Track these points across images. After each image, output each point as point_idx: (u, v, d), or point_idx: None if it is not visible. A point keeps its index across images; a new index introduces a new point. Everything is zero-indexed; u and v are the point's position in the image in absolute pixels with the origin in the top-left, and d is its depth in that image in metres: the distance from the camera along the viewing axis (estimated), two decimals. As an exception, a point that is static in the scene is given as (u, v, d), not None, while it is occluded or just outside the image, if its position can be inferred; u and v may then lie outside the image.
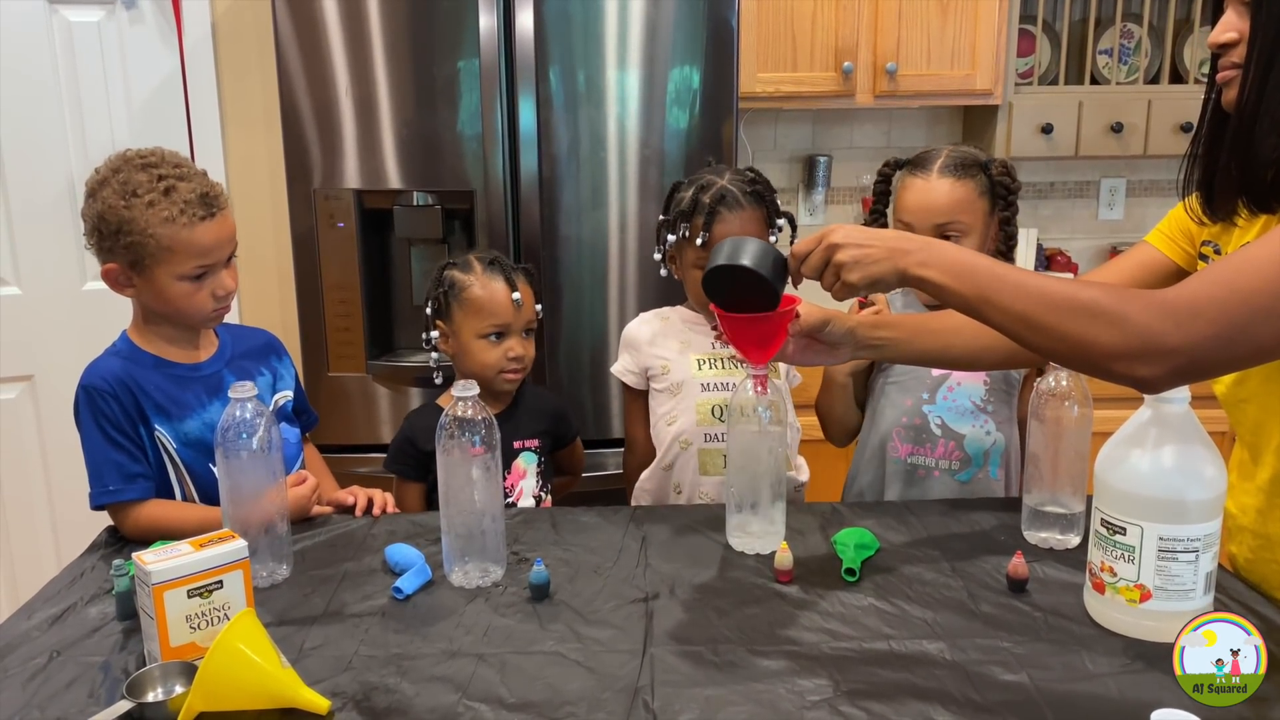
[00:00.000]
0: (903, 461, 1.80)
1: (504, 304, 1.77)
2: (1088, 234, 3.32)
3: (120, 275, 1.58)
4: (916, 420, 1.78)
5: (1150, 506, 1.20)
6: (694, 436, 1.81)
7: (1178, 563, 1.20)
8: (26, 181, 2.72)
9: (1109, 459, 1.25)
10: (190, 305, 1.59)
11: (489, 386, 1.78)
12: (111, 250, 1.56)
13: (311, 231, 2.44)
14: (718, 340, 1.80)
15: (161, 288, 1.57)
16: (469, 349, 1.78)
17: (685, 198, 1.76)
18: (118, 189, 1.53)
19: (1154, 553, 1.20)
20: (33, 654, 1.26)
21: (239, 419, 1.39)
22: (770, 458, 1.48)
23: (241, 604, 1.24)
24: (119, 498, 1.56)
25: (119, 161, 1.58)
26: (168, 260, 1.54)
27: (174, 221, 1.52)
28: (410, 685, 1.17)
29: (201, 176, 1.59)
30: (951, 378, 1.77)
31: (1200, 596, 1.22)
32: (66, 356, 2.75)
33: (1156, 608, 1.22)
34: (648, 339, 1.85)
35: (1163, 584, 1.21)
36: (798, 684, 1.16)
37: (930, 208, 1.72)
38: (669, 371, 1.82)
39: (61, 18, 2.68)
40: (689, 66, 2.39)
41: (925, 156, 1.77)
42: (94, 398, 1.56)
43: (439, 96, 2.37)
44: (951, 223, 1.72)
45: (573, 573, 1.44)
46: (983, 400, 1.78)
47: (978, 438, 1.77)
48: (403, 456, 1.82)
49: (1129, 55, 3.14)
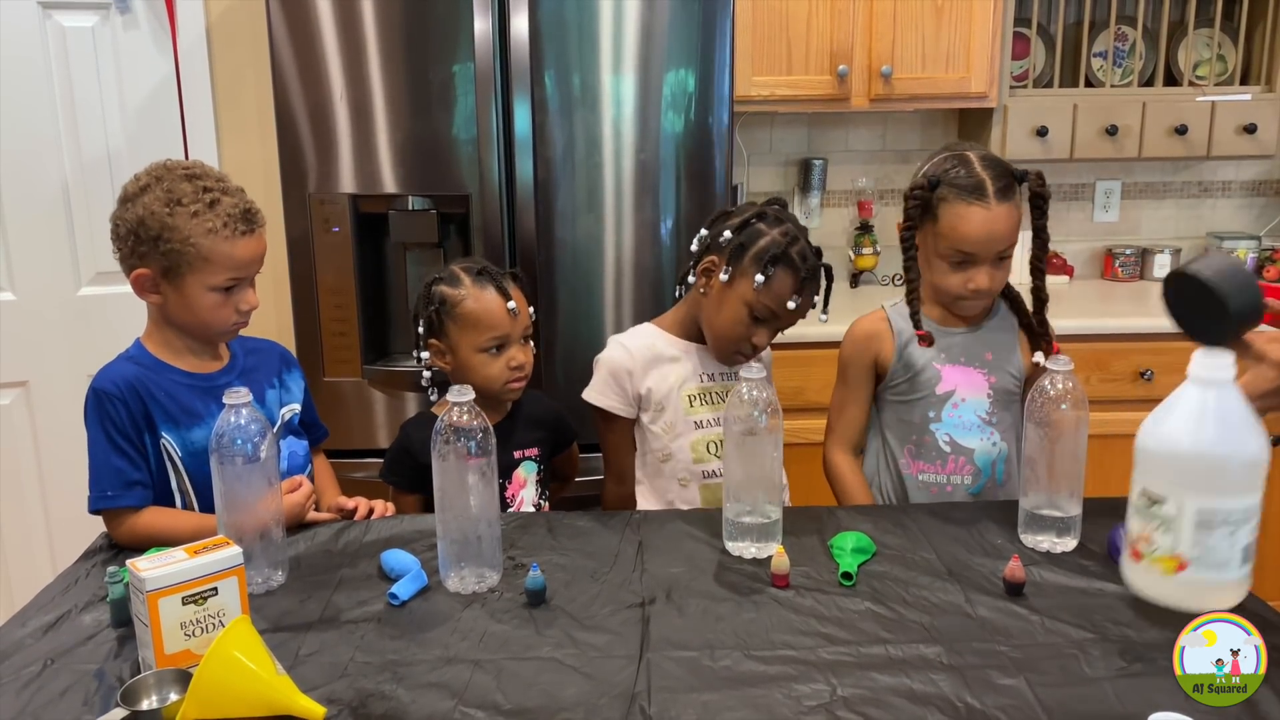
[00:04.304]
0: (914, 479, 1.79)
1: (500, 315, 1.73)
2: (1083, 236, 3.32)
3: (149, 282, 1.59)
4: (925, 438, 1.78)
5: (1189, 477, 1.16)
6: (691, 475, 1.81)
7: (1215, 535, 1.15)
8: (21, 187, 2.71)
9: (1150, 430, 1.21)
10: (215, 317, 1.60)
11: (494, 399, 1.76)
12: (146, 256, 1.57)
13: (307, 236, 2.43)
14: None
15: (190, 297, 1.58)
16: (469, 364, 1.74)
17: (769, 237, 1.70)
18: (162, 196, 1.55)
19: (1192, 524, 1.16)
20: (27, 661, 1.25)
21: (234, 425, 1.38)
22: (767, 461, 1.48)
23: (236, 611, 1.24)
24: (116, 504, 1.57)
25: (160, 170, 1.59)
26: (203, 270, 1.56)
27: (216, 233, 1.55)
28: (406, 692, 1.17)
29: (241, 193, 1.61)
30: (956, 393, 1.77)
31: (1237, 568, 1.17)
32: (61, 362, 2.77)
33: (1193, 578, 1.17)
34: (640, 368, 1.81)
35: (1200, 555, 1.16)
36: (794, 689, 1.16)
37: (995, 237, 1.69)
38: (664, 410, 1.80)
39: (55, 22, 2.68)
40: (684, 70, 2.39)
41: (973, 180, 1.69)
42: (103, 402, 1.57)
43: (434, 101, 2.37)
44: (1009, 246, 1.72)
45: (569, 578, 1.44)
46: (987, 413, 1.78)
47: (985, 450, 1.78)
48: (399, 468, 1.80)
49: (1123, 58, 3.14)
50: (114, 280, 1.69)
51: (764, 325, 1.74)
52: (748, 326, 1.73)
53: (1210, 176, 3.30)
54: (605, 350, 1.85)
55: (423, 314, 1.78)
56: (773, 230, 1.72)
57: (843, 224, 3.26)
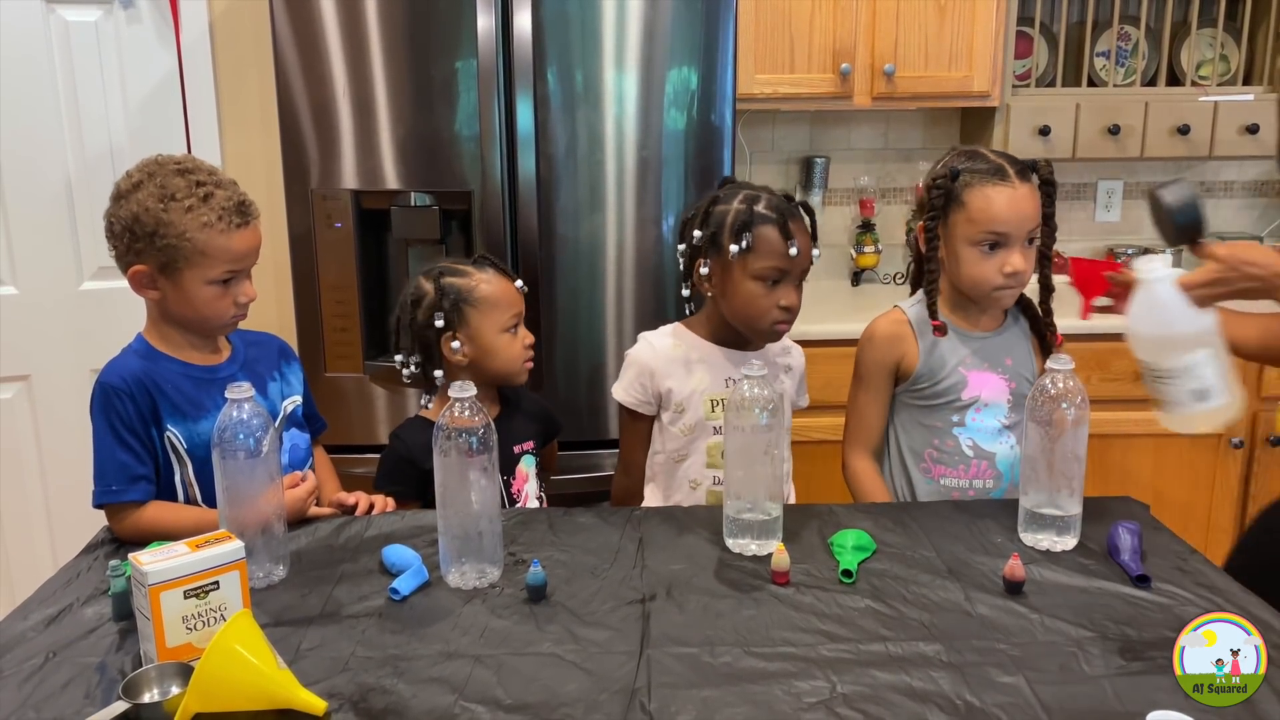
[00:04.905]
0: (935, 483, 1.79)
1: (514, 292, 1.80)
2: (1084, 236, 3.32)
3: (146, 278, 1.59)
4: (948, 443, 1.78)
5: (1142, 349, 1.52)
6: (703, 478, 1.81)
7: (1175, 383, 1.50)
8: (23, 181, 2.71)
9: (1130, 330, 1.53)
10: (213, 310, 1.61)
11: (513, 380, 1.80)
12: (142, 253, 1.57)
13: (309, 232, 2.43)
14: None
15: (188, 291, 1.58)
16: (493, 347, 1.76)
17: (732, 210, 1.72)
18: (155, 192, 1.55)
19: (1153, 379, 1.53)
20: (29, 655, 1.25)
21: (236, 419, 1.39)
22: (768, 458, 1.48)
23: (238, 605, 1.24)
24: (120, 498, 1.57)
25: (152, 165, 1.59)
26: (200, 264, 1.56)
27: (211, 227, 1.55)
28: (407, 686, 1.17)
29: (234, 185, 1.62)
30: (980, 399, 1.77)
31: (1215, 398, 1.48)
32: (63, 356, 2.78)
33: (1182, 414, 1.51)
34: (663, 368, 1.80)
35: (1175, 399, 1.50)
36: (794, 686, 1.16)
37: (1025, 214, 1.69)
38: (684, 412, 1.79)
39: (59, 17, 2.68)
40: (687, 67, 2.39)
41: (992, 165, 1.71)
42: (110, 396, 1.57)
43: (437, 97, 2.37)
44: (1035, 228, 1.72)
45: (570, 574, 1.44)
46: (1007, 417, 1.77)
47: (1005, 454, 1.78)
48: (401, 477, 1.76)
49: (1126, 57, 3.14)
50: (116, 275, 1.69)
51: (780, 286, 1.73)
52: (767, 295, 1.72)
53: (1212, 177, 3.29)
54: (634, 346, 1.85)
55: (438, 310, 1.74)
56: (732, 203, 1.73)
57: (844, 222, 3.26)
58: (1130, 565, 1.42)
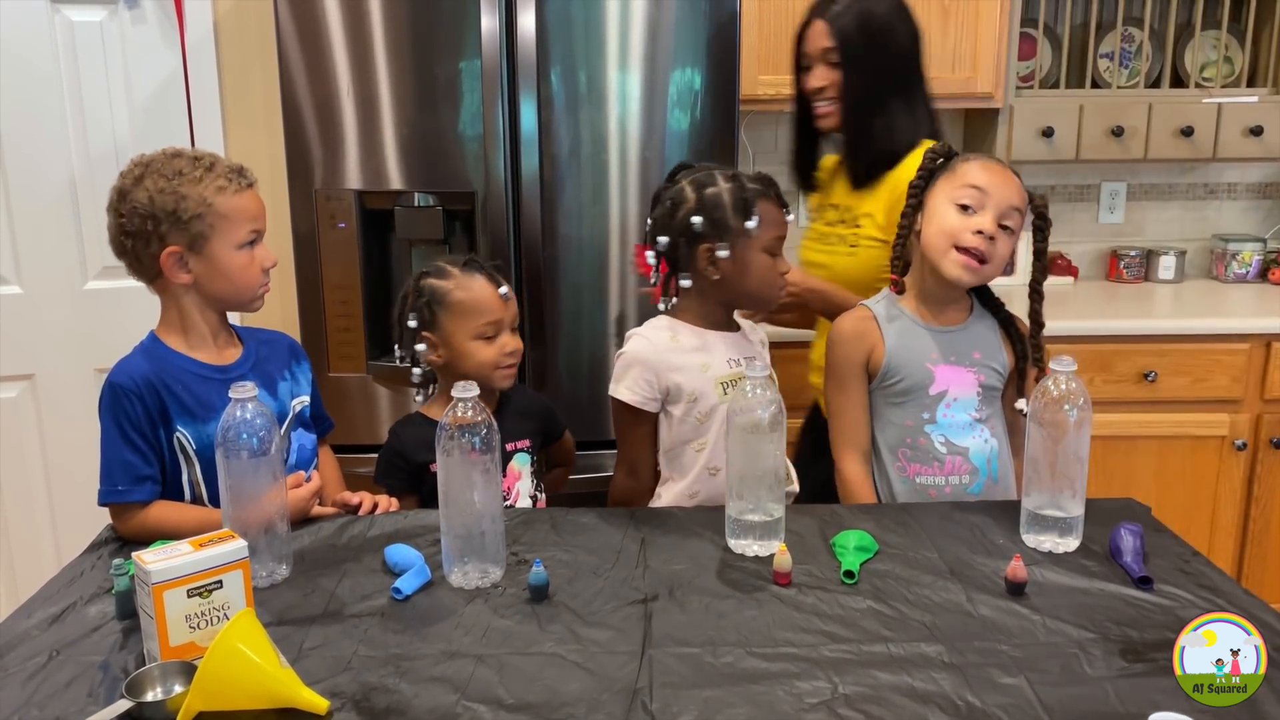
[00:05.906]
0: (911, 481, 1.79)
1: (493, 300, 1.77)
2: (1088, 238, 3.32)
3: (177, 260, 1.60)
4: (920, 440, 1.78)
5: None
6: (721, 464, 1.80)
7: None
8: (28, 180, 2.72)
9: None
10: (246, 279, 1.64)
11: (487, 385, 1.76)
12: (167, 235, 1.59)
13: (312, 231, 2.44)
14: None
15: (221, 262, 1.62)
16: (465, 352, 1.76)
17: (724, 190, 1.76)
18: (161, 176, 1.59)
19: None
20: (32, 653, 1.26)
21: (239, 419, 1.39)
22: (770, 459, 1.48)
23: (241, 604, 1.24)
24: (125, 498, 1.57)
25: (145, 159, 1.63)
26: (225, 229, 1.61)
27: (225, 190, 1.61)
28: (409, 686, 1.17)
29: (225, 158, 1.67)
30: (949, 393, 1.77)
31: None
32: (67, 355, 2.78)
33: None
34: (667, 361, 1.78)
35: None
36: (796, 686, 1.16)
37: (1007, 185, 1.72)
38: (696, 400, 1.78)
39: (64, 17, 2.68)
40: (690, 68, 2.39)
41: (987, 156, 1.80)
42: (118, 396, 1.58)
43: (440, 97, 2.37)
44: (1016, 209, 1.72)
45: (572, 574, 1.44)
46: (977, 410, 1.78)
47: (979, 448, 1.77)
48: (394, 470, 1.79)
49: (1130, 59, 3.14)
50: (120, 274, 1.70)
51: (779, 256, 1.82)
52: (774, 264, 1.80)
53: (1216, 178, 3.29)
54: (628, 344, 1.82)
55: (413, 308, 1.78)
56: (718, 184, 1.77)
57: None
58: (1132, 567, 1.42)
